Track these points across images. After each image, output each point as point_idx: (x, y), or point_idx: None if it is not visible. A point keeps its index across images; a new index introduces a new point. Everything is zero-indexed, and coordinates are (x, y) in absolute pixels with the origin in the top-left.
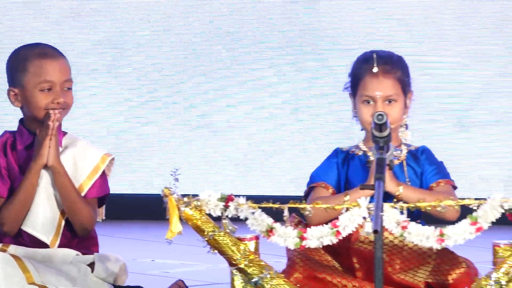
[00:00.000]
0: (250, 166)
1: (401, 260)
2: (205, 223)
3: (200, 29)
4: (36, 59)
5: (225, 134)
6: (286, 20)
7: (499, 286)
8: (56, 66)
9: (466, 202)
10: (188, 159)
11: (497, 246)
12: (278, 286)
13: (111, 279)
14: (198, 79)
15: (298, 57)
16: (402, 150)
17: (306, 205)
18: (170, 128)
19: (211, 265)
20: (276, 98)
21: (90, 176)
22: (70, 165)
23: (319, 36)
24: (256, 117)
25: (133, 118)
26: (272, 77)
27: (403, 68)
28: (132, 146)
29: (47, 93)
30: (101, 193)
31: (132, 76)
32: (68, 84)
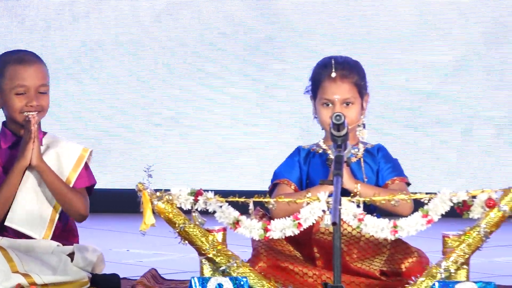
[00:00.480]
0: (218, 163)
1: (358, 250)
2: (176, 216)
3: (172, 33)
4: (13, 64)
5: (195, 133)
6: (253, 23)
7: (448, 274)
8: (31, 72)
9: (417, 196)
10: (160, 156)
11: (446, 237)
12: (244, 274)
13: (89, 268)
14: (170, 80)
15: (264, 60)
16: (359, 148)
17: (270, 199)
18: (143, 127)
19: (182, 255)
20: (242, 100)
21: (75, 168)
22: (54, 161)
23: (283, 41)
24: (223, 118)
25: (109, 118)
26: (239, 81)
27: (359, 72)
28: (108, 144)
29: (22, 97)
30: (89, 183)
31: (109, 79)
32: (43, 88)
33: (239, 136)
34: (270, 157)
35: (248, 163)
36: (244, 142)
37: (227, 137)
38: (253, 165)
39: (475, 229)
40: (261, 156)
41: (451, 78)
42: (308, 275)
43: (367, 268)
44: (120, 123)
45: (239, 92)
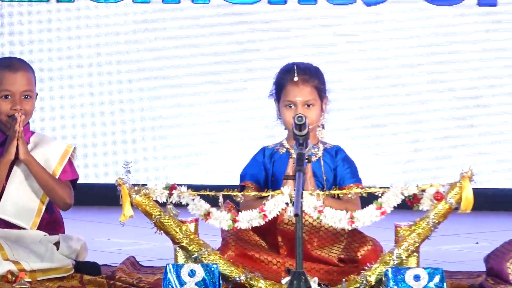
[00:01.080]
0: (191, 160)
1: (318, 239)
2: (153, 208)
3: (150, 41)
4: (1, 70)
5: (169, 134)
6: (221, 32)
7: (400, 261)
8: (16, 78)
9: (372, 190)
10: (138, 153)
11: (398, 227)
12: (214, 261)
13: (74, 255)
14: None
15: (232, 66)
16: (319, 147)
17: (238, 193)
18: (123, 128)
19: (157, 244)
20: (212, 103)
21: (60, 162)
22: (41, 157)
23: (250, 50)
24: (196, 120)
25: (91, 119)
26: (209, 88)
27: (319, 77)
28: (90, 141)
29: (7, 101)
30: (72, 177)
31: (90, 83)
32: (27, 93)
33: (210, 136)
34: (238, 155)
35: (218, 160)
36: (214, 141)
37: (199, 136)
38: (222, 162)
39: (424, 220)
40: (229, 154)
41: (398, 84)
42: (272, 262)
43: (326, 256)
44: (102, 124)
45: (209, 96)
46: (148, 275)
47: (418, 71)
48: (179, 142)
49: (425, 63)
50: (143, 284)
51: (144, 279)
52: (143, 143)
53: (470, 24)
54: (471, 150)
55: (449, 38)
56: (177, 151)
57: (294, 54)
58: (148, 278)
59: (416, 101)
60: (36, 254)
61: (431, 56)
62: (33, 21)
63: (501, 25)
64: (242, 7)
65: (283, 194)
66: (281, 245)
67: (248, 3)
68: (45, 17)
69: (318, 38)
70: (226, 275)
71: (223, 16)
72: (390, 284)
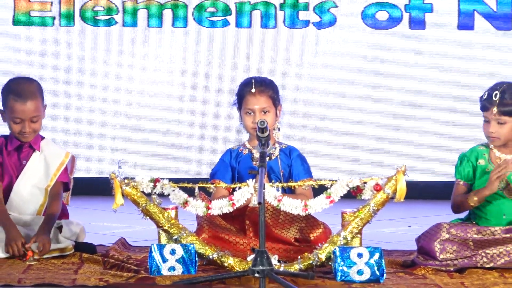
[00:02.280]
0: (171, 156)
1: (279, 222)
2: (140, 198)
3: (136, 54)
4: (12, 99)
5: (153, 134)
6: (196, 50)
7: (346, 241)
8: (25, 108)
9: (322, 182)
10: (129, 151)
11: (344, 213)
12: (191, 241)
13: (74, 237)
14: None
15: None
16: (276, 148)
17: (211, 185)
18: (115, 130)
19: (144, 227)
20: (190, 110)
21: (58, 168)
22: (43, 162)
23: (220, 67)
24: (177, 123)
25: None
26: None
27: (273, 88)
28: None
29: (18, 124)
30: (65, 179)
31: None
32: (35, 118)
33: (188, 137)
34: (210, 153)
35: (193, 157)
36: (191, 142)
37: (179, 137)
38: (198, 159)
39: (366, 207)
40: (203, 152)
41: (351, 90)
42: (240, 243)
43: (285, 235)
44: (97, 127)
45: (186, 103)
46: (136, 253)
47: (361, 82)
48: (162, 141)
49: (367, 75)
50: (132, 261)
51: (133, 257)
52: (132, 143)
53: (402, 43)
54: (404, 150)
55: (386, 54)
56: (160, 148)
57: (256, 69)
58: (136, 256)
59: (361, 107)
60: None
61: (372, 68)
62: (39, 41)
63: (427, 43)
64: (214, 30)
65: (248, 186)
66: (248, 228)
67: (219, 27)
68: (50, 38)
69: (277, 56)
70: (201, 254)
71: (197, 38)
72: (338, 261)
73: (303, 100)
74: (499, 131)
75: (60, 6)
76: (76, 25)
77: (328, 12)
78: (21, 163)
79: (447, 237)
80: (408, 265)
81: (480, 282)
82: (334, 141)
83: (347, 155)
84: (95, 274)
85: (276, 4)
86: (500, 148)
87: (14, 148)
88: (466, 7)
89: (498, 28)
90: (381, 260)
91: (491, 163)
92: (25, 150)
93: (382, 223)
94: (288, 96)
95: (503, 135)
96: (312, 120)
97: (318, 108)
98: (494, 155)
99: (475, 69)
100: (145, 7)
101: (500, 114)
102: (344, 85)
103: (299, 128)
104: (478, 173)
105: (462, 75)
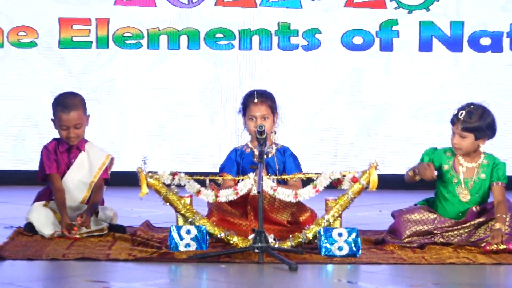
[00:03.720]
0: (187, 154)
1: (274, 207)
2: (161, 188)
3: (158, 73)
4: (59, 110)
5: (174, 137)
6: (206, 69)
7: (329, 223)
8: (69, 117)
9: (309, 175)
10: (152, 150)
11: (327, 200)
12: (203, 223)
13: (108, 220)
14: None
15: (213, 91)
16: (272, 147)
17: (219, 177)
18: (142, 133)
19: (165, 212)
20: (203, 117)
21: (101, 167)
22: (87, 161)
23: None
24: (192, 128)
25: (124, 126)
26: (199, 107)
27: (272, 99)
28: (122, 141)
29: (65, 130)
30: (106, 176)
31: (120, 102)
32: (78, 125)
33: (200, 139)
34: (218, 151)
35: (206, 155)
36: (203, 142)
37: (193, 139)
38: (208, 156)
39: (345, 196)
40: (213, 151)
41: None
42: (242, 225)
43: (279, 218)
44: (129, 132)
45: (200, 113)
46: (159, 233)
47: (341, 94)
48: (179, 142)
49: (346, 89)
50: (155, 239)
51: (156, 236)
52: (155, 144)
53: (374, 63)
54: (376, 149)
55: (361, 72)
56: (177, 148)
57: (256, 83)
58: (158, 235)
59: (341, 115)
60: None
61: (349, 83)
62: (80, 61)
63: (394, 63)
64: (221, 52)
65: (250, 178)
66: (249, 212)
67: (225, 49)
68: (89, 58)
69: (273, 73)
70: (211, 233)
71: (208, 58)
72: (322, 239)
73: (294, 108)
74: (461, 143)
75: (96, 32)
76: (109, 48)
77: (314, 37)
78: (70, 161)
79: (412, 219)
80: (379, 242)
81: (437, 256)
82: (319, 142)
83: (329, 153)
84: (125, 250)
85: (272, 30)
86: (464, 156)
87: (65, 149)
88: (426, 33)
89: (451, 51)
90: (357, 238)
91: (453, 169)
92: (74, 151)
93: (358, 209)
94: (282, 105)
95: (464, 147)
96: (302, 124)
97: (307, 115)
98: (458, 162)
99: (433, 84)
100: (165, 33)
101: (462, 130)
102: (327, 96)
103: (291, 132)
104: (441, 174)
105: (422, 89)
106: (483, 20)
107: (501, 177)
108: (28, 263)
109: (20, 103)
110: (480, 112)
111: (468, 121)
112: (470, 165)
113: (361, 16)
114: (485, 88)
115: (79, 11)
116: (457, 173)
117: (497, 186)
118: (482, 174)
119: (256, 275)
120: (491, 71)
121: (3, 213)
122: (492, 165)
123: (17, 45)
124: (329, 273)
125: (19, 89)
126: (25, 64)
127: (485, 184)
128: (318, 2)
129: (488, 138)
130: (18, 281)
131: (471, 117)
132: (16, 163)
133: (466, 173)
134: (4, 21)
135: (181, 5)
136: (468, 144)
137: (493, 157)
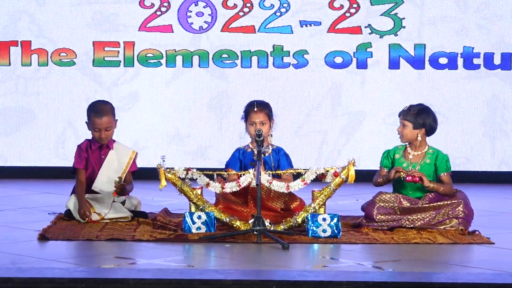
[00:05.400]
0: (198, 153)
1: (270, 197)
2: (177, 181)
3: (175, 86)
4: (93, 115)
5: (184, 139)
6: (215, 84)
7: (315, 210)
8: (101, 121)
9: (299, 171)
10: (169, 150)
11: (314, 191)
12: (212, 210)
13: (133, 208)
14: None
15: (221, 101)
16: (269, 147)
17: (225, 172)
18: (161, 135)
19: (180, 200)
20: (211, 121)
21: (129, 162)
22: (116, 160)
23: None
24: (201, 134)
25: (141, 129)
26: (208, 114)
27: (269, 108)
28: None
29: (97, 132)
30: (134, 169)
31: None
32: (108, 128)
33: (209, 141)
34: (224, 151)
35: (213, 154)
36: (211, 144)
37: (203, 141)
38: (215, 155)
39: (328, 187)
40: (219, 151)
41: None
42: (244, 212)
43: (274, 206)
44: (150, 135)
45: (209, 120)
46: (175, 218)
47: (325, 105)
48: (191, 143)
49: (328, 100)
50: (172, 223)
51: (173, 221)
52: (172, 145)
53: (351, 78)
54: (353, 149)
55: (341, 86)
56: (190, 148)
57: (255, 95)
58: (175, 220)
59: (324, 121)
60: (113, 208)
61: (331, 95)
62: (110, 77)
63: (368, 78)
64: (226, 69)
65: (250, 173)
66: (249, 201)
67: (230, 67)
68: (117, 74)
69: (269, 87)
70: (218, 218)
71: (216, 74)
72: (309, 223)
73: (287, 115)
74: (403, 131)
75: (124, 53)
76: (134, 66)
77: (302, 57)
78: (100, 157)
79: (382, 205)
80: (356, 226)
81: (404, 237)
82: (307, 143)
83: (315, 153)
84: (147, 232)
85: (268, 52)
86: (411, 147)
87: (97, 148)
88: (394, 54)
89: (415, 68)
90: (338, 223)
91: (403, 158)
92: (104, 149)
93: (339, 198)
94: (277, 113)
95: (404, 134)
96: (293, 129)
97: (297, 121)
98: (407, 151)
99: (400, 96)
100: (180, 54)
101: (402, 119)
102: (314, 105)
103: (285, 135)
104: (395, 163)
105: (391, 100)
106: (441, 43)
107: (448, 168)
108: (67, 243)
109: (61, 111)
110: (420, 108)
111: (408, 112)
112: (416, 153)
113: (341, 40)
114: (442, 99)
115: (110, 36)
116: (406, 159)
117: (444, 176)
118: (427, 160)
119: (255, 253)
120: (448, 85)
121: (47, 201)
122: (436, 154)
123: (59, 64)
124: (315, 251)
125: (61, 100)
126: (65, 80)
127: (430, 169)
128: (306, 28)
129: (426, 131)
130: (59, 258)
131: (411, 109)
132: (58, 161)
133: (413, 159)
134: (49, 44)
135: (194, 31)
136: (407, 132)
137: (437, 149)
